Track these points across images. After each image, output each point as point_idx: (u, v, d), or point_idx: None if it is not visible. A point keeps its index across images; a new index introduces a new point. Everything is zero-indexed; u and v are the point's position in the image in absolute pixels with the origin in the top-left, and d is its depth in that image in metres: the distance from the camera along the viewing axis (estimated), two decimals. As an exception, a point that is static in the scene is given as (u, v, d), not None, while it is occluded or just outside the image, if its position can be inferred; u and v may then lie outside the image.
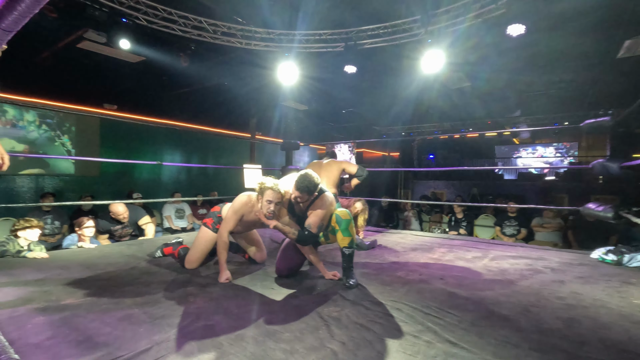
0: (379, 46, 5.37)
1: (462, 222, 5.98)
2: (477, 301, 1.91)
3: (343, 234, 2.17)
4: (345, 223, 2.18)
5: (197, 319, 1.63)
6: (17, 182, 6.42)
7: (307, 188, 2.16)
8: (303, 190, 2.16)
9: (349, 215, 2.22)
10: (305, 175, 2.18)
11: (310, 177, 2.17)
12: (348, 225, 2.18)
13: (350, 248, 2.19)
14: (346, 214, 2.21)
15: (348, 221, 2.19)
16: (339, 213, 2.21)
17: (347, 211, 2.24)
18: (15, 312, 1.66)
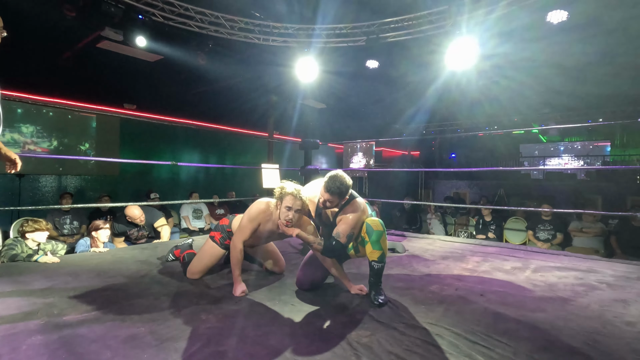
0: (402, 39, 5.09)
1: (490, 225, 5.63)
2: (530, 325, 1.65)
3: (373, 246, 1.93)
4: (376, 235, 1.93)
5: (208, 342, 1.43)
6: (40, 181, 6.49)
7: (338, 190, 1.91)
8: (334, 192, 1.92)
9: (382, 225, 1.97)
10: (336, 175, 1.94)
11: (341, 177, 1.93)
12: (380, 238, 1.93)
13: (380, 262, 1.95)
14: (378, 224, 1.96)
15: (380, 233, 1.93)
16: (370, 222, 1.96)
17: (380, 221, 1.98)
18: (13, 329, 1.51)
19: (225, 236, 2.30)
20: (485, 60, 5.55)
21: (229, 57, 5.82)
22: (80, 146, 6.93)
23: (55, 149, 6.53)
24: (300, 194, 2.02)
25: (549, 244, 4.90)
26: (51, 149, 6.49)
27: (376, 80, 6.69)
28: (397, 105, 9.09)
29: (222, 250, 2.32)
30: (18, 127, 6.11)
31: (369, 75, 6.25)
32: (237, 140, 9.10)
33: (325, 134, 9.93)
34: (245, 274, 2.45)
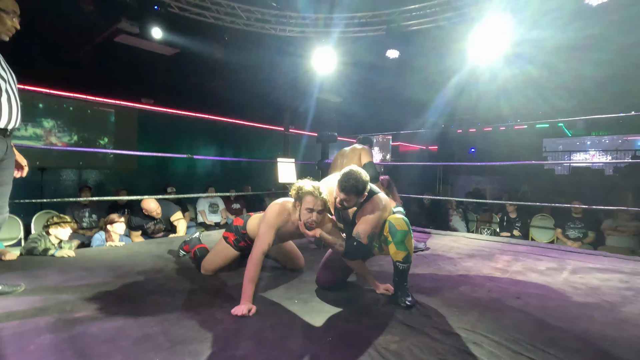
0: (424, 27, 4.86)
1: (515, 222, 5.39)
2: (578, 335, 1.48)
3: (397, 247, 1.77)
4: (400, 235, 1.77)
5: (224, 346, 1.33)
6: (61, 175, 6.59)
7: (354, 188, 1.75)
8: (350, 191, 1.76)
9: (406, 224, 1.80)
10: (351, 172, 1.78)
11: (357, 174, 1.77)
12: (404, 238, 1.77)
13: (405, 263, 1.80)
14: (402, 222, 1.80)
15: (404, 233, 1.77)
16: (394, 221, 1.80)
17: (404, 219, 1.82)
18: (22, 327, 1.45)
19: (240, 238, 2.18)
20: (510, 49, 5.27)
21: (245, 50, 5.72)
22: (100, 141, 7.01)
23: (75, 144, 6.61)
24: (320, 192, 1.85)
25: (580, 243, 4.63)
26: (71, 144, 6.57)
27: (395, 72, 6.47)
28: (416, 98, 8.83)
29: (236, 252, 2.21)
30: (40, 121, 6.20)
31: (387, 67, 6.05)
32: (253, 134, 9.04)
33: (342, 127, 9.76)
34: (261, 271, 2.34)
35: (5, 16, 1.65)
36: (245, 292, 1.70)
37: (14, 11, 1.68)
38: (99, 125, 6.99)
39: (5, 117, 1.60)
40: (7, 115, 1.61)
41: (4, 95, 1.60)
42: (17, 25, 1.71)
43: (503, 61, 5.54)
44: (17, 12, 1.70)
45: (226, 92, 7.58)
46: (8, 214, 1.82)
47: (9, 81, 1.67)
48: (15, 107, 1.68)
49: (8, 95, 1.63)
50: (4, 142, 1.66)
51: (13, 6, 1.68)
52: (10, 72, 1.72)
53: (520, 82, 7.23)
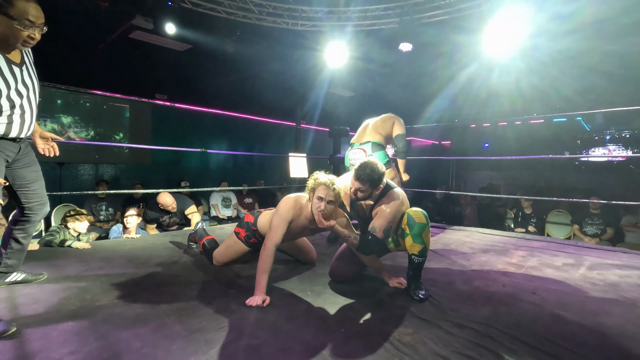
0: (439, 20, 4.78)
1: (531, 218, 5.29)
2: (596, 331, 1.45)
3: (414, 239, 1.77)
4: (419, 227, 1.76)
5: (240, 335, 1.35)
6: (78, 169, 6.76)
7: (369, 177, 1.76)
8: (364, 180, 1.76)
9: (425, 217, 1.79)
10: (367, 163, 1.79)
11: (373, 164, 1.78)
12: (422, 231, 1.76)
13: (421, 257, 1.79)
14: (421, 215, 1.79)
15: (423, 226, 1.76)
16: (413, 214, 1.79)
17: (423, 212, 1.81)
18: (46, 314, 1.50)
19: (250, 234, 2.19)
20: (526, 42, 5.14)
21: (257, 44, 5.73)
22: (115, 136, 7.14)
23: (92, 139, 6.76)
24: (333, 184, 1.85)
25: (598, 239, 4.52)
26: (88, 139, 6.72)
27: (407, 65, 6.40)
28: (428, 91, 8.72)
29: (247, 247, 2.23)
30: (58, 117, 6.36)
31: (400, 61, 5.98)
32: (265, 129, 9.08)
33: (353, 122, 9.70)
34: (274, 263, 2.36)
35: (19, 26, 1.46)
36: (258, 283, 1.71)
37: (31, 21, 1.48)
38: (115, 120, 7.13)
39: (16, 130, 1.62)
40: (18, 129, 1.63)
41: (18, 111, 1.60)
42: (36, 35, 1.53)
43: (518, 54, 5.42)
44: (36, 22, 1.50)
45: (238, 86, 7.62)
46: (48, 208, 1.91)
47: (28, 95, 1.65)
48: (29, 119, 1.67)
49: (23, 110, 1.62)
50: (16, 146, 1.68)
51: (30, 15, 1.47)
52: (33, 81, 1.70)
53: (536, 75, 7.06)
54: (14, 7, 1.44)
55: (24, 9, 1.45)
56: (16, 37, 1.48)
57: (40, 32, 1.55)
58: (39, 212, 1.84)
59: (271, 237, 1.83)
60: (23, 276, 1.89)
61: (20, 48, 1.56)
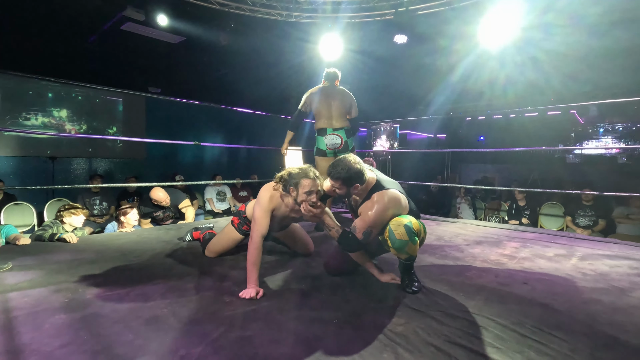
0: (434, 11, 4.76)
1: (524, 210, 5.33)
2: (585, 319, 1.47)
3: (397, 252, 1.74)
4: (399, 244, 1.69)
5: (232, 327, 1.35)
6: (72, 164, 6.69)
7: (339, 175, 1.71)
8: (336, 178, 1.73)
9: (408, 233, 1.67)
10: (340, 160, 1.74)
11: (346, 162, 1.72)
12: (405, 246, 1.69)
13: (408, 261, 1.79)
14: (403, 232, 1.67)
15: (404, 243, 1.68)
16: (394, 228, 1.69)
17: (407, 227, 1.68)
18: (37, 307, 1.49)
19: (242, 222, 2.22)
20: (523, 33, 5.13)
21: (251, 37, 5.67)
22: (109, 129, 7.07)
23: (85, 132, 6.69)
24: (315, 173, 1.84)
25: (590, 231, 4.58)
26: (81, 132, 6.65)
27: (402, 58, 6.37)
28: (423, 84, 8.70)
29: (240, 235, 2.25)
30: (50, 111, 6.27)
31: (395, 53, 5.95)
32: (260, 122, 9.03)
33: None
34: (269, 255, 2.37)
35: None
36: (250, 276, 1.71)
37: None
38: (108, 114, 7.05)
39: None
40: None
41: None
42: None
43: (514, 46, 5.41)
44: None
45: (232, 79, 7.56)
46: None
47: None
48: None
49: None
50: None
51: None
52: None
53: (531, 68, 7.06)
54: None
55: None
56: None
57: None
58: None
59: (256, 229, 1.84)
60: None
61: None
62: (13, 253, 2.29)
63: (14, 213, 4.21)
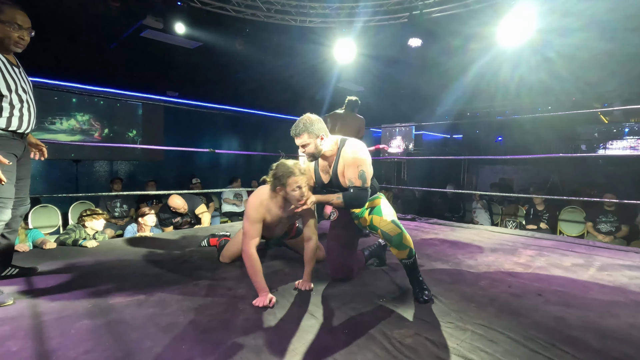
0: (449, 14, 4.71)
1: (543, 214, 5.21)
2: (599, 334, 1.45)
3: (398, 249, 1.82)
4: (396, 239, 1.81)
5: (245, 335, 1.40)
6: (94, 166, 6.94)
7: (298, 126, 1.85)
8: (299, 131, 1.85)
9: (397, 225, 1.83)
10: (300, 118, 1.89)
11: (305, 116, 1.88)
12: (401, 239, 1.81)
13: (409, 259, 1.83)
14: (393, 227, 1.82)
15: (400, 235, 1.81)
16: (384, 228, 1.83)
17: (393, 221, 1.84)
18: (63, 312, 1.58)
19: None
20: (544, 34, 5.02)
21: (266, 42, 5.75)
22: (129, 133, 7.29)
23: (106, 136, 6.93)
24: (299, 167, 1.86)
25: (612, 237, 4.44)
26: (103, 136, 6.89)
27: (418, 59, 6.32)
28: (439, 85, 8.61)
29: None
30: (74, 115, 6.52)
31: (410, 55, 5.91)
32: (275, 125, 9.14)
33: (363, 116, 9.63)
34: (279, 261, 2.42)
35: (9, 29, 1.70)
36: (258, 285, 1.76)
37: (19, 25, 1.73)
38: (128, 117, 7.28)
39: (25, 124, 1.81)
40: (27, 123, 1.82)
41: (25, 105, 1.80)
42: (25, 37, 1.76)
43: (530, 47, 5.31)
44: (23, 26, 1.74)
45: (248, 83, 7.66)
46: (29, 205, 2.03)
47: (29, 93, 1.84)
48: (33, 114, 1.87)
49: (29, 105, 1.82)
50: (22, 143, 1.86)
51: (18, 19, 1.72)
52: (28, 82, 1.88)
53: (552, 67, 6.89)
54: (4, 14, 1.70)
55: (12, 15, 1.72)
56: (10, 38, 1.72)
57: (28, 35, 1.79)
58: (20, 208, 1.96)
59: (246, 241, 1.85)
60: (16, 271, 2.02)
61: (14, 50, 1.78)
62: (40, 257, 2.42)
63: (40, 215, 4.41)
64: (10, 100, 1.72)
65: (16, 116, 1.75)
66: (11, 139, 1.76)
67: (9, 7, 1.71)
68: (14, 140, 1.77)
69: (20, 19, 1.74)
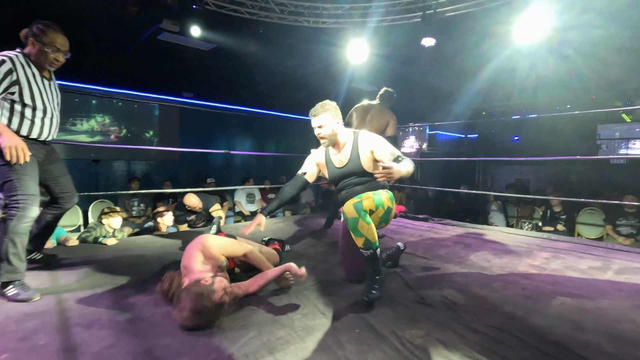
0: (462, 13, 4.67)
1: (560, 216, 5.10)
2: (615, 339, 1.43)
3: (353, 233, 1.74)
4: (352, 222, 1.72)
5: (260, 333, 1.44)
6: (112, 166, 7.15)
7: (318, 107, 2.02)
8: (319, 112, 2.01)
9: (356, 210, 1.70)
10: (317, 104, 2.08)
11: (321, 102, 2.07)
12: (356, 224, 1.71)
13: (366, 250, 1.75)
14: (352, 209, 1.71)
15: (355, 220, 1.70)
16: (345, 208, 1.75)
17: (354, 205, 1.72)
18: (86, 308, 1.65)
19: None
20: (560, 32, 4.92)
21: (279, 43, 5.80)
22: (146, 133, 7.47)
23: (124, 136, 7.12)
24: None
25: (633, 240, 4.32)
26: (120, 137, 7.08)
27: (432, 58, 6.28)
28: (454, 84, 8.51)
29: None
30: (93, 116, 6.73)
31: (424, 54, 5.88)
32: (288, 125, 9.21)
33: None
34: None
35: (48, 50, 1.85)
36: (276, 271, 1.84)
37: (57, 47, 1.89)
38: (145, 118, 7.46)
39: (45, 133, 1.96)
40: (47, 132, 1.97)
41: (48, 115, 1.95)
42: (60, 58, 1.92)
43: (547, 46, 5.20)
44: (61, 49, 1.90)
45: (261, 84, 7.75)
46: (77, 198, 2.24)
47: (54, 104, 2.00)
48: (55, 124, 2.02)
49: (52, 115, 1.98)
50: (43, 148, 1.99)
51: (57, 43, 1.88)
52: (57, 94, 2.06)
53: (570, 64, 6.73)
54: (46, 36, 1.84)
55: (53, 38, 1.86)
56: (46, 58, 1.88)
57: (64, 57, 1.95)
58: (70, 201, 2.17)
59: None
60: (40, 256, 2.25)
61: (48, 68, 1.95)
62: (63, 253, 2.52)
63: (62, 214, 4.57)
64: (33, 109, 1.87)
65: (37, 125, 1.89)
66: (32, 144, 1.88)
67: (52, 30, 1.86)
68: (35, 145, 1.90)
69: (59, 42, 1.89)
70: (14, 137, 1.72)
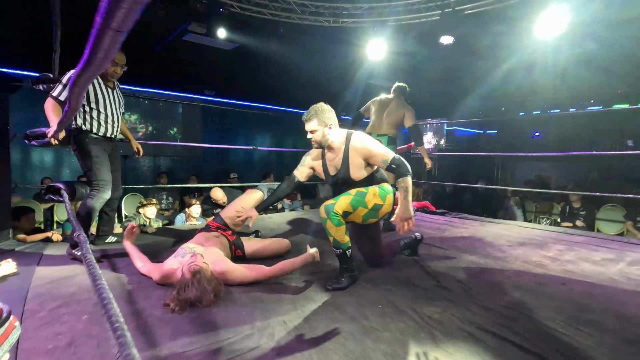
0: (481, 10, 4.72)
1: (579, 212, 5.11)
2: (617, 318, 1.56)
3: (326, 231, 1.92)
4: (322, 222, 1.90)
5: (294, 307, 1.64)
6: (140, 162, 7.51)
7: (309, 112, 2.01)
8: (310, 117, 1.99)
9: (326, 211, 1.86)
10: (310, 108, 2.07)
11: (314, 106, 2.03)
12: (325, 224, 1.89)
13: (335, 248, 1.92)
14: (322, 210, 1.88)
15: (324, 220, 1.88)
16: (321, 208, 1.90)
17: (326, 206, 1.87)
18: (142, 282, 1.89)
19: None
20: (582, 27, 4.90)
21: (300, 42, 5.98)
22: (170, 130, 7.81)
23: (150, 133, 7.47)
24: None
25: (653, 236, 4.32)
26: (147, 134, 7.44)
27: (450, 54, 6.33)
28: (472, 79, 8.49)
29: None
30: (123, 114, 7.10)
31: (442, 50, 5.94)
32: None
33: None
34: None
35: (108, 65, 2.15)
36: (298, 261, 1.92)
37: (116, 62, 2.29)
38: (169, 116, 7.79)
39: (109, 131, 2.43)
40: (111, 130, 2.44)
41: (110, 117, 2.40)
42: (118, 71, 2.34)
43: (568, 40, 5.19)
44: (119, 63, 2.30)
45: (281, 82, 7.95)
46: (122, 191, 2.70)
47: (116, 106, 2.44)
48: (117, 124, 2.47)
49: (113, 116, 2.42)
50: (110, 144, 2.48)
51: (115, 58, 2.21)
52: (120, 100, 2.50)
53: (594, 59, 6.64)
54: None
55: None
56: (107, 71, 2.31)
57: (121, 69, 2.37)
58: (116, 192, 2.57)
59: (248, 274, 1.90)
60: (115, 239, 2.69)
61: (110, 79, 2.40)
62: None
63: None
64: (98, 112, 2.33)
65: (102, 125, 2.36)
66: (101, 140, 2.38)
67: None
68: (103, 141, 2.40)
69: (117, 57, 2.25)
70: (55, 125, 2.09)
